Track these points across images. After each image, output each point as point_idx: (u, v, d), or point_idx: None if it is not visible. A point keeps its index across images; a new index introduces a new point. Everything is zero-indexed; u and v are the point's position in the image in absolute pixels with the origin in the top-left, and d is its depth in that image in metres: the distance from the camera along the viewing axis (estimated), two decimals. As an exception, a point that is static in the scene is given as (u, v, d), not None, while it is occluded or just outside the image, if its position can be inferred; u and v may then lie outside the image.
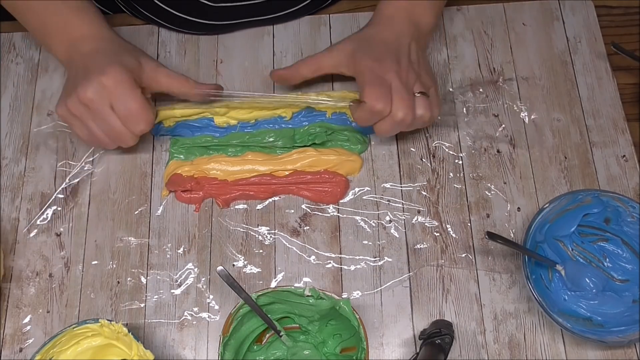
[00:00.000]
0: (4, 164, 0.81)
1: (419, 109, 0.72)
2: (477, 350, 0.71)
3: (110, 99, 0.70)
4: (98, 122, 0.72)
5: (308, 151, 0.79)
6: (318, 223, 0.77)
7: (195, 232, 0.77)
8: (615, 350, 0.71)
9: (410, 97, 0.72)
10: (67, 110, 0.72)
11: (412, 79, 0.73)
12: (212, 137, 0.80)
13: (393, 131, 0.74)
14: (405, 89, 0.72)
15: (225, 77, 0.85)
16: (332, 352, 0.71)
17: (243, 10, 0.84)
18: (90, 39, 0.74)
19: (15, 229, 0.77)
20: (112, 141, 0.73)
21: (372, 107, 0.71)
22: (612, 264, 0.74)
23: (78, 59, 0.74)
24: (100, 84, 0.70)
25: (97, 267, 0.76)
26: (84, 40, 0.74)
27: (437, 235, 0.76)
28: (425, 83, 0.74)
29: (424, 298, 0.74)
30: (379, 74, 0.72)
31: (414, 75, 0.73)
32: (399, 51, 0.74)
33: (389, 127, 0.73)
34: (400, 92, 0.71)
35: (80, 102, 0.70)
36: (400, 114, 0.71)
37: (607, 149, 0.80)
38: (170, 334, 0.73)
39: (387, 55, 0.74)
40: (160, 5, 0.83)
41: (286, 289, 0.69)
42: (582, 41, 0.86)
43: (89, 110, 0.71)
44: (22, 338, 0.73)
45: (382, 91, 0.71)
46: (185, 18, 0.84)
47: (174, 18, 0.85)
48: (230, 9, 0.84)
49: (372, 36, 0.76)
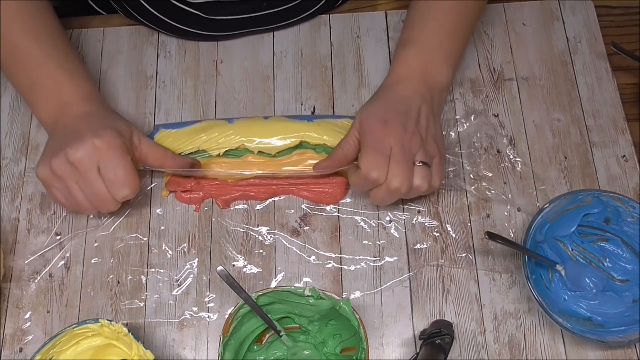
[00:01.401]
0: (4, 164, 0.81)
1: (416, 179, 0.69)
2: (477, 350, 0.71)
3: (99, 161, 0.68)
4: (82, 184, 0.69)
5: (308, 153, 0.79)
6: (318, 223, 0.77)
7: (195, 232, 0.77)
8: (615, 350, 0.71)
9: (408, 166, 0.69)
10: (49, 170, 0.69)
11: (416, 147, 0.70)
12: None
13: (388, 200, 0.72)
14: (404, 157, 0.69)
15: (225, 77, 0.85)
16: (332, 352, 0.71)
17: (242, 22, 0.84)
18: (81, 102, 0.73)
19: (15, 229, 0.77)
20: (92, 206, 0.71)
21: (367, 175, 0.69)
22: (612, 264, 0.74)
23: (66, 121, 0.72)
24: (93, 145, 0.68)
25: (97, 266, 0.76)
26: (74, 103, 0.73)
27: (437, 235, 0.76)
28: (429, 151, 0.71)
29: (424, 298, 0.74)
30: (380, 137, 0.69)
31: (419, 142, 0.70)
32: (407, 114, 0.71)
33: (384, 195, 0.70)
34: (398, 160, 0.69)
35: (67, 162, 0.68)
36: (395, 183, 0.69)
37: (607, 149, 0.80)
38: (170, 334, 0.73)
39: (394, 117, 0.71)
40: (159, 16, 0.83)
41: (286, 289, 0.69)
42: (582, 41, 0.86)
43: (75, 172, 0.69)
44: (22, 338, 0.73)
45: (378, 159, 0.68)
46: (184, 29, 0.84)
47: (172, 28, 0.85)
48: (230, 22, 0.84)
49: (382, 96, 0.74)
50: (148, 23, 0.86)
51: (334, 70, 0.85)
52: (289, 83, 0.85)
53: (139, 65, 0.86)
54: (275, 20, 0.85)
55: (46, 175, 0.70)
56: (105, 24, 0.88)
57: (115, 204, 0.71)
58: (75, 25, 0.88)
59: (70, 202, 0.71)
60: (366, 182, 0.70)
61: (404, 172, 0.69)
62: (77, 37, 0.88)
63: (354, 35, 0.87)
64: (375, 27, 0.87)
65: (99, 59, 0.86)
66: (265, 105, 0.83)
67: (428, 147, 0.71)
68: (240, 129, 0.78)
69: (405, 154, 0.69)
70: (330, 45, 0.87)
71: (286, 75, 0.85)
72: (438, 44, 0.75)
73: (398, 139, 0.69)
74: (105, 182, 0.69)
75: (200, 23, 0.83)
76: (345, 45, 0.86)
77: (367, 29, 0.87)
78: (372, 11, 0.88)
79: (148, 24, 0.86)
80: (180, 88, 0.85)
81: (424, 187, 0.70)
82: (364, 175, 0.69)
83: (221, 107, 0.83)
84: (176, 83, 0.85)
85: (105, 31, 0.88)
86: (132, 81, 0.85)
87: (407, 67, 0.75)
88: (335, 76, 0.85)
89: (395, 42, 0.85)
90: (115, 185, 0.69)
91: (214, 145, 0.78)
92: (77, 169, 0.68)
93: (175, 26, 0.84)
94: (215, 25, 0.84)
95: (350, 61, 0.86)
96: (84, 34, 0.88)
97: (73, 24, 0.88)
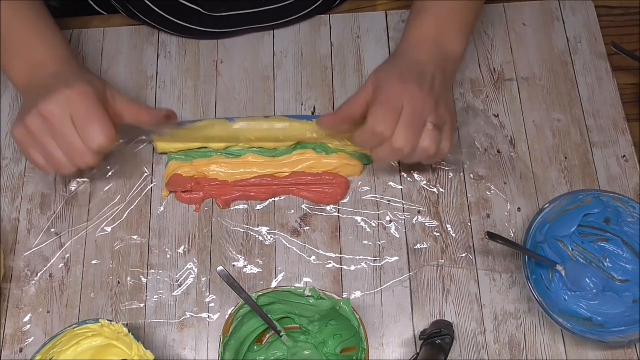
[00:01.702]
0: (4, 164, 0.81)
1: (425, 141, 0.68)
2: (477, 350, 0.71)
3: (71, 111, 0.67)
4: (56, 138, 0.68)
5: (308, 153, 0.79)
6: (318, 223, 0.77)
7: (195, 232, 0.77)
8: (615, 350, 0.71)
9: (417, 127, 0.68)
10: (24, 128, 0.68)
11: (428, 108, 0.68)
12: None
13: (389, 159, 0.71)
14: (415, 118, 0.67)
15: (225, 77, 0.85)
16: (332, 352, 0.71)
17: (242, 18, 0.84)
18: (54, 62, 0.72)
19: (15, 229, 0.77)
20: (70, 161, 0.69)
21: (373, 128, 0.67)
22: (612, 264, 0.74)
23: (39, 81, 0.71)
24: (64, 95, 0.67)
25: (97, 267, 0.76)
26: (47, 62, 0.72)
27: (437, 235, 0.76)
28: (441, 115, 0.69)
29: (424, 298, 0.74)
30: (393, 94, 0.68)
31: (432, 104, 0.68)
32: (422, 77, 0.70)
33: (386, 153, 0.69)
34: (408, 119, 0.67)
35: (39, 116, 0.67)
36: (399, 142, 0.67)
37: (607, 149, 0.80)
38: (170, 334, 0.73)
39: (409, 76, 0.69)
40: (159, 12, 0.83)
41: (286, 289, 0.69)
42: (582, 41, 0.86)
43: (48, 125, 0.67)
44: (22, 338, 0.73)
45: (387, 114, 0.67)
46: (184, 25, 0.84)
47: (172, 24, 0.85)
48: (230, 18, 0.84)
49: (397, 60, 0.73)
50: (148, 20, 0.86)
51: (334, 70, 0.85)
52: (289, 83, 0.85)
53: (139, 65, 0.86)
54: (274, 17, 0.85)
55: (22, 135, 0.69)
56: (105, 24, 0.88)
57: (94, 155, 0.69)
58: (75, 25, 0.88)
59: (48, 160, 0.69)
60: (372, 135, 0.68)
61: (410, 133, 0.67)
62: (77, 37, 0.88)
63: (354, 35, 0.87)
64: (375, 27, 0.87)
65: (99, 59, 0.86)
66: (265, 105, 0.83)
67: (440, 112, 0.69)
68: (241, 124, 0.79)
69: (416, 115, 0.67)
70: (330, 45, 0.87)
71: (286, 75, 0.85)
72: (452, 13, 0.74)
73: (412, 98, 0.67)
74: (79, 131, 0.67)
75: (201, 19, 0.83)
76: (345, 45, 0.86)
77: (367, 29, 0.87)
78: (372, 11, 0.89)
79: (148, 21, 0.86)
80: (180, 88, 0.85)
81: (431, 150, 0.68)
82: (370, 128, 0.67)
83: (221, 107, 0.83)
84: (176, 83, 0.85)
85: (106, 31, 0.88)
86: (132, 81, 0.85)
87: (420, 34, 0.74)
88: (335, 76, 0.85)
89: (395, 42, 0.85)
90: (89, 133, 0.67)
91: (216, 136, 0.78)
92: (50, 122, 0.67)
93: (176, 22, 0.84)
94: (215, 22, 0.84)
95: (350, 61, 0.86)
96: (84, 34, 0.88)
97: (73, 24, 0.88)
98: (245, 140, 0.78)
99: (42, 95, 0.68)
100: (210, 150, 0.79)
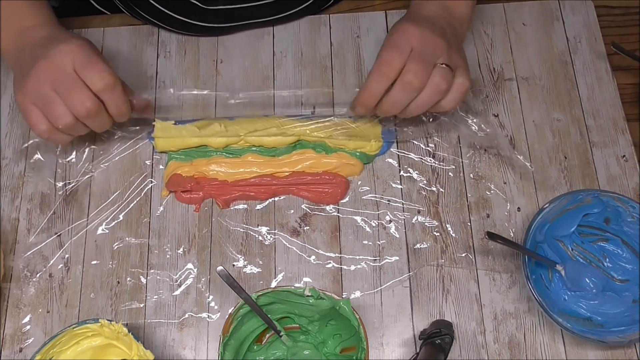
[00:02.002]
0: (4, 164, 0.81)
1: (435, 77, 0.67)
2: (477, 350, 0.71)
3: (73, 60, 0.67)
4: (59, 88, 0.66)
5: (308, 152, 0.79)
6: (318, 223, 0.77)
7: (195, 232, 0.77)
8: (615, 350, 0.71)
9: (429, 63, 0.67)
10: (25, 91, 0.67)
11: (440, 50, 0.67)
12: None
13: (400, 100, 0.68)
14: (424, 56, 0.66)
15: (226, 77, 0.85)
16: (332, 352, 0.71)
17: (242, 12, 0.84)
18: (42, 27, 0.72)
19: (15, 229, 0.77)
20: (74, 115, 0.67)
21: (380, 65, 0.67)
22: (612, 264, 0.74)
23: (32, 45, 0.70)
24: (63, 47, 0.67)
25: (97, 267, 0.76)
26: (36, 27, 0.72)
27: (437, 235, 0.76)
28: (453, 59, 0.69)
29: (424, 298, 0.74)
30: (402, 35, 0.67)
31: (444, 46, 0.67)
32: (435, 22, 0.70)
33: (396, 93, 0.67)
34: (418, 55, 0.66)
35: (41, 72, 0.67)
36: (409, 75, 0.66)
37: (607, 149, 0.80)
38: (170, 334, 0.73)
39: (422, 19, 0.69)
40: (159, 8, 0.83)
41: (286, 289, 0.69)
42: (582, 41, 0.86)
43: (50, 76, 0.66)
44: (22, 338, 0.73)
45: (393, 53, 0.66)
46: (184, 20, 0.84)
47: (173, 20, 0.85)
48: (229, 12, 0.84)
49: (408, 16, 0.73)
50: (148, 17, 0.86)
51: (334, 70, 0.85)
52: (289, 83, 0.85)
53: (139, 65, 0.86)
54: (274, 11, 0.85)
55: (23, 98, 0.68)
56: (105, 24, 0.88)
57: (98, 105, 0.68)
58: (76, 25, 0.88)
59: (52, 118, 0.68)
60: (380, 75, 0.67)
61: (420, 67, 0.66)
62: (77, 37, 0.88)
63: (354, 35, 0.87)
64: (375, 27, 0.87)
65: (99, 59, 0.86)
66: (265, 105, 0.83)
67: (452, 56, 0.69)
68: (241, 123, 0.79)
69: (426, 54, 0.67)
70: (330, 45, 0.87)
71: (286, 75, 0.85)
72: None
73: (422, 38, 0.67)
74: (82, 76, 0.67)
75: (200, 14, 0.83)
76: (345, 45, 0.86)
77: (367, 29, 0.87)
78: (372, 11, 0.89)
79: (148, 18, 0.86)
80: (180, 88, 0.84)
81: (443, 86, 0.67)
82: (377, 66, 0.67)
83: (221, 107, 0.83)
84: (176, 83, 0.85)
85: (106, 31, 0.88)
86: (132, 81, 0.84)
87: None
88: (335, 76, 0.85)
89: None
90: (94, 72, 0.67)
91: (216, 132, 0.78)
92: (51, 73, 0.67)
93: (176, 18, 0.84)
94: (215, 16, 0.84)
95: (350, 61, 0.86)
96: (84, 34, 0.88)
97: (73, 24, 0.88)
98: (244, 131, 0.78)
99: (39, 54, 0.68)
100: (210, 150, 0.79)
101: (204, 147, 0.79)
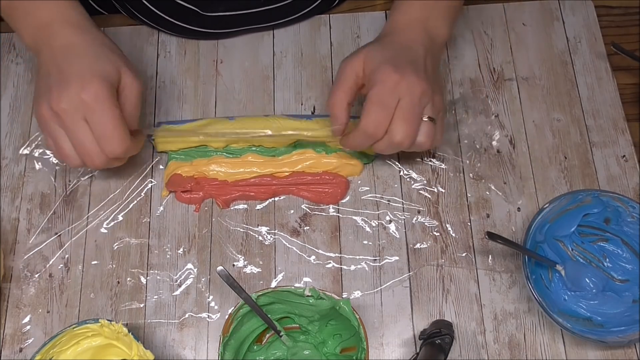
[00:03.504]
0: (4, 164, 0.81)
1: (421, 136, 0.68)
2: (477, 350, 0.71)
3: (85, 113, 0.65)
4: (69, 133, 0.66)
5: (308, 152, 0.79)
6: (318, 223, 0.77)
7: (195, 232, 0.77)
8: (615, 350, 0.71)
9: (416, 121, 0.67)
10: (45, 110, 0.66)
11: (426, 99, 0.67)
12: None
13: (389, 151, 0.70)
14: (413, 111, 0.66)
15: (225, 78, 0.85)
16: (332, 352, 0.71)
17: (241, 19, 0.84)
18: (62, 27, 0.68)
19: (15, 229, 0.77)
20: (79, 158, 0.68)
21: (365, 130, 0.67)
22: (612, 264, 0.74)
23: (48, 53, 0.68)
24: (78, 97, 0.65)
25: (97, 267, 0.76)
26: (55, 27, 0.68)
27: (437, 235, 0.76)
28: (437, 105, 0.69)
29: (424, 298, 0.74)
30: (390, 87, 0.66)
31: (429, 94, 0.67)
32: (416, 63, 0.68)
33: (385, 147, 0.69)
34: (406, 112, 0.66)
35: (51, 109, 0.66)
36: (398, 137, 0.67)
37: (607, 149, 0.80)
38: (170, 334, 0.73)
39: (406, 65, 0.67)
40: (159, 14, 0.83)
41: (286, 289, 0.69)
42: (582, 41, 0.86)
43: (60, 120, 0.66)
44: (22, 338, 0.73)
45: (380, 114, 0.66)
46: (184, 26, 0.84)
47: (173, 26, 0.85)
48: (229, 18, 0.84)
49: (386, 42, 0.71)
50: (148, 21, 0.86)
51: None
52: (289, 83, 0.85)
53: (139, 65, 0.86)
54: (273, 18, 0.85)
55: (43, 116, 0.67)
56: (105, 24, 0.88)
57: (104, 159, 0.68)
58: (75, 25, 0.88)
59: (56, 150, 0.69)
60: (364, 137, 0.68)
61: (409, 128, 0.67)
62: (77, 37, 0.88)
63: (354, 35, 0.87)
64: (375, 27, 0.87)
65: (99, 59, 0.86)
66: (265, 105, 0.83)
67: (436, 101, 0.69)
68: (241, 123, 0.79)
69: (415, 108, 0.67)
70: (330, 45, 0.87)
71: (286, 75, 0.85)
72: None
73: (409, 88, 0.66)
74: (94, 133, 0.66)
75: (200, 20, 0.83)
76: (345, 45, 0.86)
77: (367, 29, 0.87)
78: (372, 11, 0.89)
79: (148, 22, 0.86)
80: (180, 88, 0.85)
81: (426, 145, 0.69)
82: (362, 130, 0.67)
83: (221, 107, 0.83)
84: (176, 83, 0.85)
85: (106, 31, 0.87)
86: (132, 81, 0.85)
87: (408, 17, 0.72)
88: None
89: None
90: (104, 139, 0.66)
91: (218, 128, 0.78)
92: (61, 119, 0.66)
93: (175, 23, 0.84)
94: (215, 22, 0.84)
95: (350, 61, 0.86)
96: (84, 34, 0.88)
97: (73, 24, 0.88)
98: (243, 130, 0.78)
99: (55, 82, 0.66)
100: (210, 150, 0.79)
101: (204, 147, 0.79)
